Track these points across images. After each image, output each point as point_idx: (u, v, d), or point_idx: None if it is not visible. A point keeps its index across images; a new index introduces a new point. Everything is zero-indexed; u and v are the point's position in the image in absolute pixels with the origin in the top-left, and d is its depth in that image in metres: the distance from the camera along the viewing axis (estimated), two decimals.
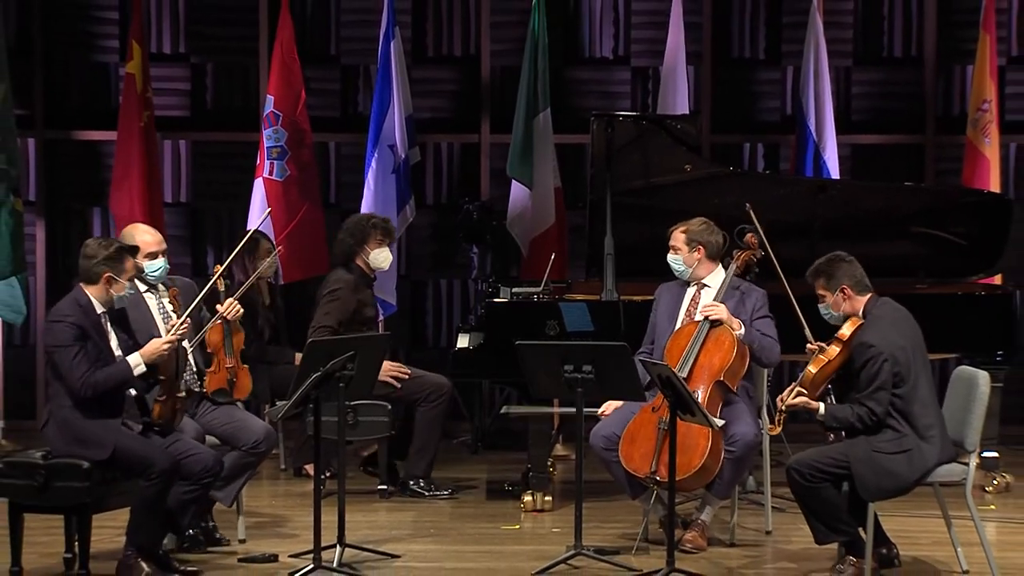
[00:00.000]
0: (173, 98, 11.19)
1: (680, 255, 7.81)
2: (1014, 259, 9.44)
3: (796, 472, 6.97)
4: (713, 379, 7.47)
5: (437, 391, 8.79)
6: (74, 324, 6.87)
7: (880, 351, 6.85)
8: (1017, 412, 10.31)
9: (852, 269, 7.10)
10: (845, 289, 7.05)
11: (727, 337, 7.54)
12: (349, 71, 11.28)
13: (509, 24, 11.10)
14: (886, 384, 6.82)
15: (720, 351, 7.52)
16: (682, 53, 10.48)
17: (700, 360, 7.52)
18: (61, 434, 6.91)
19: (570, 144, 10.66)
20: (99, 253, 7.00)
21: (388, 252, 8.92)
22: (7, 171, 10.15)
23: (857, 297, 7.07)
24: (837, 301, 7.07)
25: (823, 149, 10.32)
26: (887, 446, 6.86)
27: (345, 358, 7.03)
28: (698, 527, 7.64)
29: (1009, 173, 11.00)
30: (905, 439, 6.85)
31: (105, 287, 7.00)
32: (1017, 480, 9.17)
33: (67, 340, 6.86)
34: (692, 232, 7.79)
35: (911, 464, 6.85)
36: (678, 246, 7.81)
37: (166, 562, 7.00)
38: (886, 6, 11.20)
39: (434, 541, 7.88)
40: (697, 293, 7.81)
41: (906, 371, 6.85)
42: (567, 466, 9.52)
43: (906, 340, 6.93)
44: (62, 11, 11.17)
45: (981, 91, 10.29)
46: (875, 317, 7.00)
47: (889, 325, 6.97)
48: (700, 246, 7.78)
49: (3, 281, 10.13)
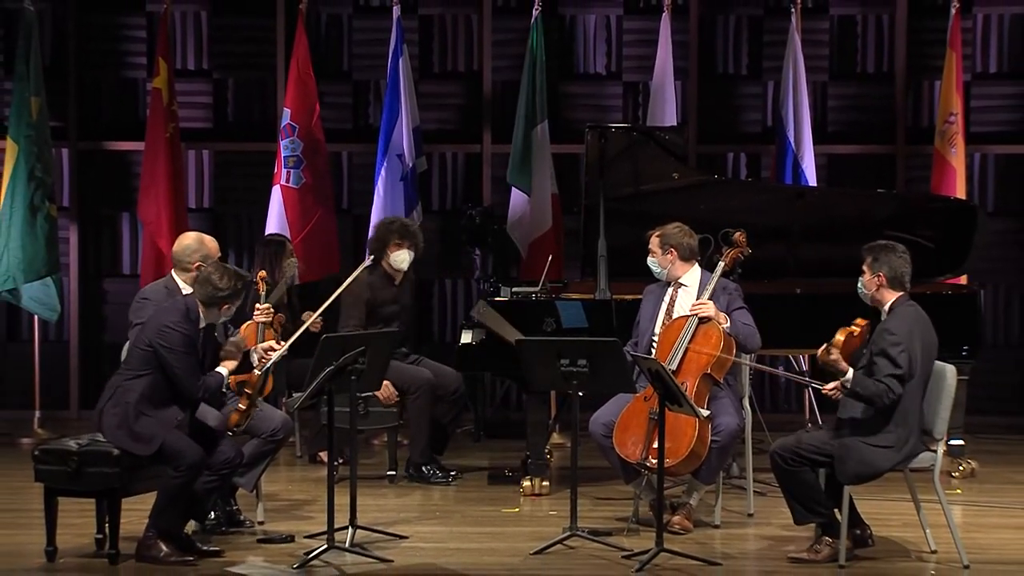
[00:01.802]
0: (196, 111, 11.18)
1: (655, 258, 7.82)
2: (979, 261, 9.42)
3: (779, 456, 6.98)
4: (701, 372, 7.47)
5: (416, 383, 8.76)
6: (189, 335, 6.90)
7: (901, 340, 6.85)
8: (982, 403, 10.30)
9: (897, 263, 7.06)
10: (881, 276, 7.05)
11: (715, 332, 7.52)
12: (360, 86, 11.27)
13: (509, 42, 11.10)
14: (904, 373, 6.82)
15: (708, 345, 7.51)
16: (670, 69, 10.47)
17: (689, 354, 7.50)
18: (118, 424, 6.88)
19: (566, 154, 10.65)
20: (229, 287, 6.98)
21: (405, 253, 8.87)
22: (43, 179, 10.16)
23: (888, 290, 7.05)
24: (871, 283, 7.07)
25: (801, 158, 10.32)
26: (878, 439, 6.86)
27: (356, 353, 7.03)
28: (685, 510, 7.64)
29: (974, 181, 11.00)
30: (895, 435, 6.85)
31: (217, 312, 7.03)
32: (982, 466, 9.17)
33: (186, 348, 6.89)
34: (665, 236, 7.80)
35: (891, 458, 6.86)
36: (653, 249, 7.83)
37: (187, 544, 7.00)
38: (860, 25, 11.20)
39: (439, 523, 7.87)
40: (674, 292, 7.81)
41: (914, 370, 6.85)
42: (563, 453, 9.52)
43: (920, 343, 6.92)
44: (94, 31, 11.17)
45: (948, 105, 10.28)
46: (899, 313, 6.99)
47: (912, 323, 6.97)
48: (672, 248, 7.77)
49: (39, 281, 10.14)
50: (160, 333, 6.89)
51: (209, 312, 7.01)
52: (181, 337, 6.88)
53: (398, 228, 8.89)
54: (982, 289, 9.33)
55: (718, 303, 7.61)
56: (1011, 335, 11.13)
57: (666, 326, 7.69)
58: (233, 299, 7.05)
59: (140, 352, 6.95)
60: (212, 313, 7.02)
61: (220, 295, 6.99)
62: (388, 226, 8.95)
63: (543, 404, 8.81)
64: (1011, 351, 11.10)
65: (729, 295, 7.74)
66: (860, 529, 7.13)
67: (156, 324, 6.94)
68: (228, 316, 7.14)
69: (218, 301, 7.00)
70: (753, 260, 8.12)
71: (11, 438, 10.30)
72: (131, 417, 6.86)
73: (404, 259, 8.88)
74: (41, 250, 10.08)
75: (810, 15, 10.96)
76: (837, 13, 11.20)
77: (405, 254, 8.87)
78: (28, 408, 10.53)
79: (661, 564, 6.88)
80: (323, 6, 11.18)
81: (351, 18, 11.25)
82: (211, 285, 6.98)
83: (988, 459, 9.49)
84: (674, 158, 9.04)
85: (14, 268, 10.06)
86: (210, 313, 7.02)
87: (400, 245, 8.85)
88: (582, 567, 6.95)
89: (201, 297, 7.00)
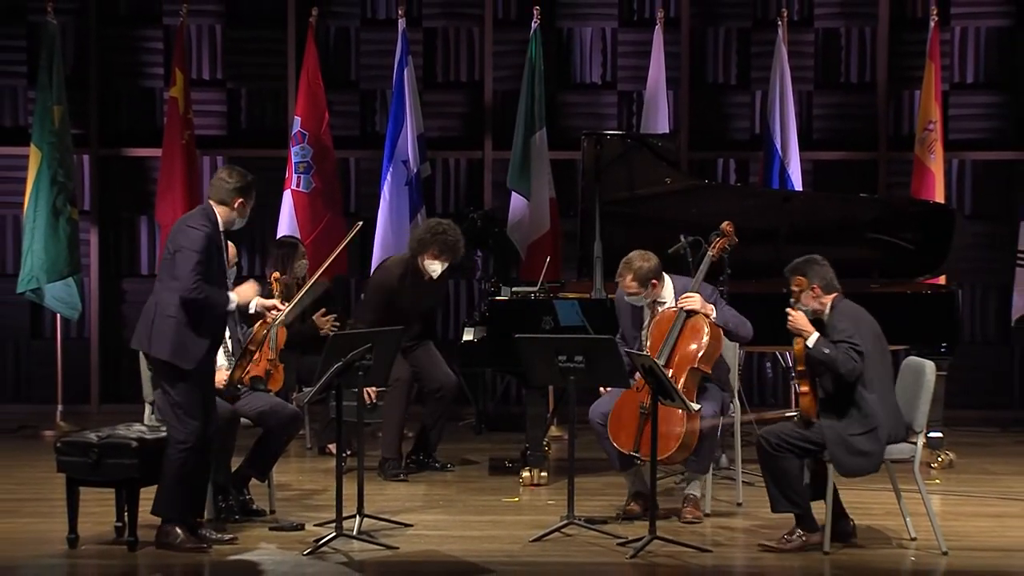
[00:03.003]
0: (211, 119, 11.18)
1: (641, 295, 7.61)
2: (957, 262, 9.42)
3: (765, 440, 6.98)
4: (690, 365, 7.42)
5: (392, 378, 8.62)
6: (208, 236, 6.81)
7: (847, 327, 6.90)
8: (959, 398, 10.30)
9: (824, 271, 7.10)
10: (816, 288, 7.05)
11: (702, 324, 7.47)
12: (367, 95, 11.26)
13: (509, 53, 11.09)
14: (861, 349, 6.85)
15: (696, 339, 7.47)
16: (663, 79, 10.47)
17: (678, 348, 7.46)
18: (167, 334, 6.77)
19: (563, 160, 10.65)
20: (238, 180, 6.97)
21: (439, 265, 8.64)
22: (65, 184, 10.17)
23: (824, 296, 7.07)
24: (808, 297, 7.07)
25: (788, 164, 10.32)
26: (856, 427, 6.87)
27: (363, 350, 7.03)
28: (691, 501, 7.60)
29: (952, 186, 10.99)
30: (870, 419, 6.86)
31: (233, 211, 6.97)
32: (959, 457, 9.17)
33: (198, 246, 6.76)
34: (638, 274, 7.57)
35: (878, 441, 6.86)
36: (635, 291, 7.60)
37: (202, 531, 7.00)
38: (843, 37, 11.20)
39: (443, 512, 7.87)
40: (654, 308, 7.66)
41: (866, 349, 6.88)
42: (561, 445, 9.52)
43: (864, 333, 6.94)
44: (113, 43, 11.17)
45: (927, 113, 10.28)
46: (839, 310, 7.03)
47: (852, 315, 7.00)
48: (653, 280, 7.61)
49: (61, 281, 10.15)
50: (181, 232, 6.84)
51: (225, 212, 6.95)
52: (198, 235, 6.78)
53: (440, 242, 8.62)
54: (960, 289, 9.34)
55: (704, 293, 7.55)
56: (987, 332, 11.12)
57: (655, 320, 7.64)
58: (243, 193, 6.96)
59: (168, 260, 6.89)
60: (227, 213, 6.95)
61: (228, 187, 6.94)
62: (434, 235, 8.65)
63: (542, 398, 8.82)
64: (987, 348, 11.10)
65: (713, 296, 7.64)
66: (844, 522, 7.11)
67: (179, 227, 6.90)
68: (243, 217, 7.02)
69: (230, 196, 6.94)
70: (742, 261, 8.12)
71: (35, 431, 10.30)
72: (176, 328, 6.77)
73: (436, 269, 8.67)
74: (63, 252, 10.09)
75: (796, 28, 10.96)
76: (822, 26, 11.20)
77: (438, 265, 8.66)
78: (51, 402, 10.53)
79: (654, 551, 6.88)
80: (332, 19, 11.17)
81: (358, 30, 11.24)
82: (221, 181, 6.97)
83: (965, 451, 9.49)
84: (666, 164, 9.04)
85: (37, 269, 10.07)
86: (226, 213, 6.95)
87: (437, 257, 8.64)
88: (579, 554, 6.94)
89: (214, 197, 6.97)
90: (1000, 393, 11.10)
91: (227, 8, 11.21)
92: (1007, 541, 7.29)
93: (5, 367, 11.19)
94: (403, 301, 8.69)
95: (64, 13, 10.81)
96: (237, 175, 7.00)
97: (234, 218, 7.00)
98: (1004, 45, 11.09)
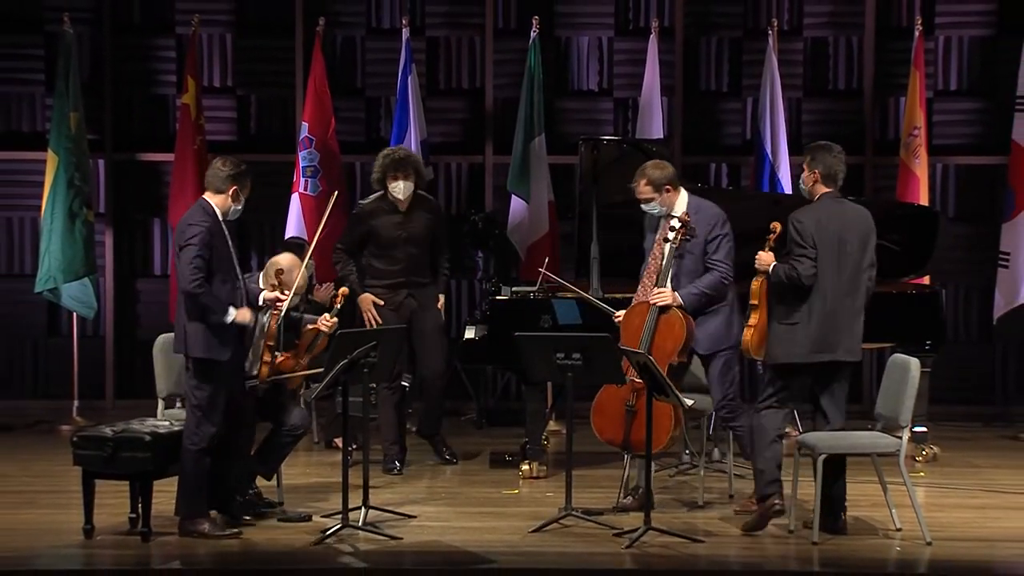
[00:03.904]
0: (222, 125, 11.17)
1: (654, 202, 7.55)
2: (941, 262, 9.42)
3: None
4: (667, 361, 7.34)
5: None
6: (207, 230, 6.81)
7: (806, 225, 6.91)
8: (943, 393, 10.29)
9: (831, 162, 7.04)
10: (816, 173, 7.05)
11: (676, 320, 7.38)
12: (373, 102, 11.26)
13: (509, 62, 11.09)
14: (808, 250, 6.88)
15: (672, 335, 7.39)
16: (657, 86, 10.46)
17: (655, 344, 7.40)
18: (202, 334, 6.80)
19: (561, 164, 10.64)
20: (231, 169, 6.99)
21: (401, 184, 8.58)
22: (81, 187, 10.17)
23: (821, 185, 7.05)
24: (808, 179, 7.08)
25: (778, 168, 10.30)
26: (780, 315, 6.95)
27: (368, 348, 7.03)
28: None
29: (936, 189, 10.99)
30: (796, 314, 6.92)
31: (229, 199, 6.97)
32: (943, 451, 9.17)
33: (197, 241, 6.78)
34: (652, 178, 7.51)
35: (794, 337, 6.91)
36: (648, 196, 7.53)
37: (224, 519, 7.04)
38: (831, 46, 11.19)
39: (445, 504, 7.87)
40: (667, 222, 7.52)
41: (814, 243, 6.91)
42: (559, 440, 9.52)
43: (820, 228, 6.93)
44: (127, 52, 11.16)
45: (912, 119, 10.27)
46: (813, 206, 7.04)
47: (815, 211, 7.00)
48: (667, 187, 7.52)
49: (77, 281, 10.15)
50: (180, 231, 6.88)
51: (221, 200, 6.96)
52: (196, 231, 6.80)
53: (391, 163, 8.60)
54: (944, 288, 9.34)
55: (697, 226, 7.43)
56: (970, 331, 11.12)
57: (626, 315, 7.54)
58: (237, 180, 6.98)
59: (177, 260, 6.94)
60: (224, 201, 6.97)
61: (223, 175, 6.96)
62: (383, 159, 8.66)
63: (540, 394, 8.83)
64: (970, 346, 11.10)
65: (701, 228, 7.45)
66: (838, 514, 7.09)
67: (180, 226, 6.94)
68: (239, 205, 7.03)
69: (224, 183, 6.96)
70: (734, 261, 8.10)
71: (52, 425, 10.30)
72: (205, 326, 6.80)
73: (400, 189, 8.60)
74: (79, 252, 10.09)
75: (786, 37, 10.95)
76: (810, 35, 11.19)
77: (401, 184, 8.58)
78: (67, 398, 10.53)
79: (649, 541, 6.89)
80: (338, 28, 11.17)
81: (364, 39, 11.24)
82: (215, 171, 7.00)
83: (949, 445, 9.50)
84: None
85: (55, 269, 10.07)
86: (222, 202, 6.96)
87: (396, 177, 8.58)
88: (576, 544, 6.95)
89: (209, 187, 6.99)
90: (983, 389, 11.10)
91: (237, 18, 11.21)
92: (989, 531, 7.30)
93: (23, 364, 11.18)
94: (383, 230, 8.62)
95: (80, 23, 10.81)
96: (231, 164, 7.03)
97: (231, 206, 7.00)
98: (986, 54, 11.09)
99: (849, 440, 7.11)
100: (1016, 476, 8.67)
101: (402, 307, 8.63)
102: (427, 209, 8.75)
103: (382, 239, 8.63)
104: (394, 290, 8.65)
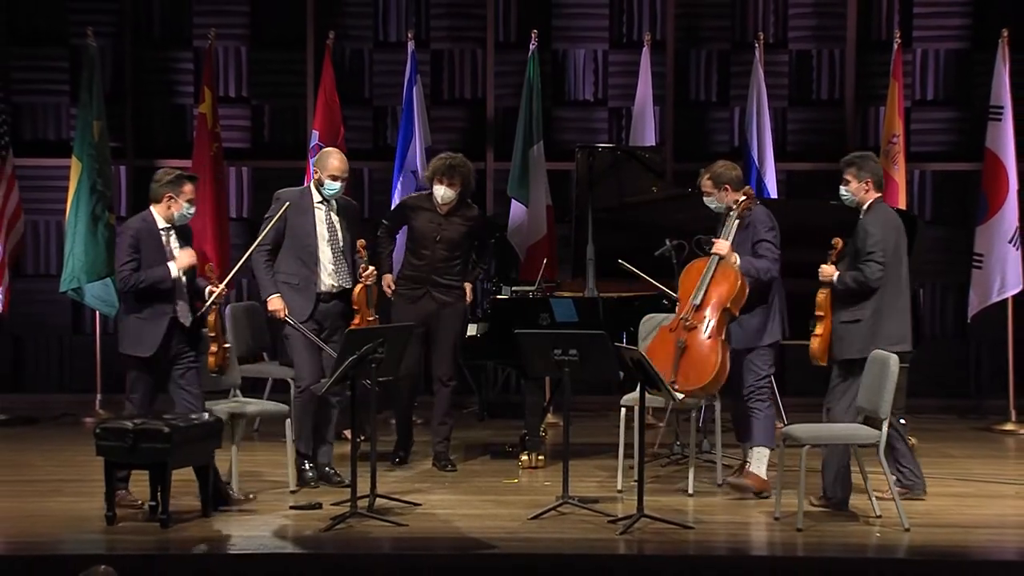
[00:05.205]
0: (237, 133, 11.18)
1: (712, 196, 7.70)
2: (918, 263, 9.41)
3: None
4: (722, 306, 7.44)
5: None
6: (133, 234, 7.14)
7: (875, 233, 7.08)
8: (921, 388, 10.27)
9: (877, 168, 7.25)
10: (869, 182, 7.13)
11: (731, 271, 7.47)
12: (380, 111, 11.26)
13: (509, 73, 11.09)
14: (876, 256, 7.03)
15: (727, 281, 7.47)
16: (649, 96, 10.46)
17: (711, 290, 7.48)
18: (123, 332, 7.22)
19: (559, 170, 10.64)
20: (163, 178, 7.24)
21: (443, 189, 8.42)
22: (103, 192, 10.17)
23: (873, 192, 7.20)
24: (859, 188, 7.16)
25: (764, 174, 10.31)
26: (845, 315, 7.05)
27: (376, 344, 7.03)
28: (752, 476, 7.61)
29: (914, 194, 10.99)
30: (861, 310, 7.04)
31: (165, 206, 7.19)
32: (921, 442, 9.15)
33: (123, 243, 7.15)
34: (716, 176, 7.67)
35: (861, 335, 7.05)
36: (708, 190, 7.70)
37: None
38: (814, 58, 11.19)
39: (448, 492, 7.87)
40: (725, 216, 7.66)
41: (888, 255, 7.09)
42: (557, 431, 9.50)
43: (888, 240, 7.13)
44: (148, 64, 11.17)
45: (891, 127, 10.27)
46: (876, 209, 7.21)
47: (878, 216, 7.16)
48: (726, 184, 7.66)
49: (100, 281, 10.15)
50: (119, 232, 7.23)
51: (160, 208, 7.21)
52: (126, 235, 7.15)
53: (441, 167, 8.48)
54: (921, 288, 9.33)
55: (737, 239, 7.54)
56: (946, 328, 11.12)
57: (686, 269, 7.67)
58: (168, 187, 7.19)
59: None
60: (162, 209, 7.22)
61: (157, 187, 7.21)
62: (437, 162, 8.54)
63: (539, 388, 8.82)
64: (946, 342, 11.10)
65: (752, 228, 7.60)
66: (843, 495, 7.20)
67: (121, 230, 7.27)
68: (180, 212, 7.22)
69: (158, 195, 7.20)
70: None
71: (76, 418, 10.31)
72: (128, 323, 7.18)
73: (441, 193, 8.47)
74: (102, 254, 10.09)
75: (771, 49, 10.95)
76: (795, 48, 11.20)
77: (443, 189, 8.45)
78: (90, 392, 10.53)
79: (642, 528, 6.89)
80: (347, 42, 11.17)
81: (371, 52, 11.24)
82: (152, 181, 7.26)
83: (926, 436, 9.50)
84: (653, 174, 9.05)
85: (78, 270, 10.07)
86: (161, 209, 7.21)
87: (441, 181, 8.44)
88: (573, 530, 6.95)
89: (150, 197, 7.24)
90: (958, 384, 11.10)
91: (252, 31, 11.22)
92: (964, 518, 7.30)
93: (49, 360, 11.19)
94: (420, 225, 8.50)
95: (103, 36, 10.81)
96: (162, 174, 7.31)
97: (172, 213, 7.23)
98: (962, 65, 11.09)
99: (832, 432, 7.11)
100: (989, 466, 8.68)
101: (421, 303, 8.56)
102: (467, 217, 8.58)
103: (416, 234, 8.56)
104: (417, 284, 8.56)
